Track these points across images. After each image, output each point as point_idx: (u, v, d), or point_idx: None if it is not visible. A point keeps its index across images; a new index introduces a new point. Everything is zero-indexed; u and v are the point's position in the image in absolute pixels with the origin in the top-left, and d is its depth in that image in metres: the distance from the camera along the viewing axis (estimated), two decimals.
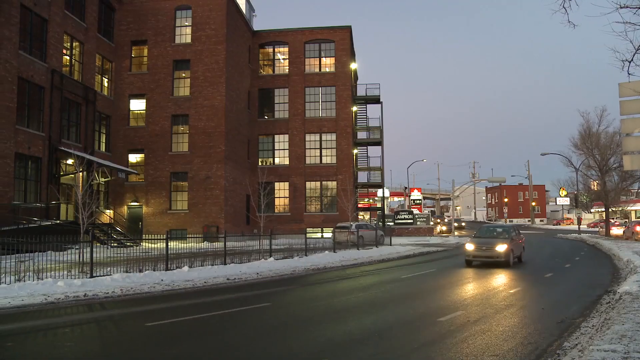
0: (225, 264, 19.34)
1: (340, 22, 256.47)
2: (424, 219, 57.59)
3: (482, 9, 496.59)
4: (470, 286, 15.59)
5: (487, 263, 21.40)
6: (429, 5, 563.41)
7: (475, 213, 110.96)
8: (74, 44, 33.13)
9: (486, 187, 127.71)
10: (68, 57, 32.60)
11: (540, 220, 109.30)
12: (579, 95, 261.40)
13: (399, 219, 55.73)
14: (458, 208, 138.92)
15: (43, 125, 29.40)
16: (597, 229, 59.72)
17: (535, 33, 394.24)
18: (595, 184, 58.36)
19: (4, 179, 26.30)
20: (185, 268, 17.42)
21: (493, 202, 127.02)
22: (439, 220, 72.54)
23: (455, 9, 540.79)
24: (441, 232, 65.70)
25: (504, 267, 20.58)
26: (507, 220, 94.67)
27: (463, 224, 78.84)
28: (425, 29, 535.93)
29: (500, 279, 17.25)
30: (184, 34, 38.51)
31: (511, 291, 14.10)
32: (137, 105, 38.43)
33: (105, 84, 37.29)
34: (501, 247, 20.90)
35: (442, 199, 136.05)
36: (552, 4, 9.10)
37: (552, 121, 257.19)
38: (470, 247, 21.87)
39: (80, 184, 25.04)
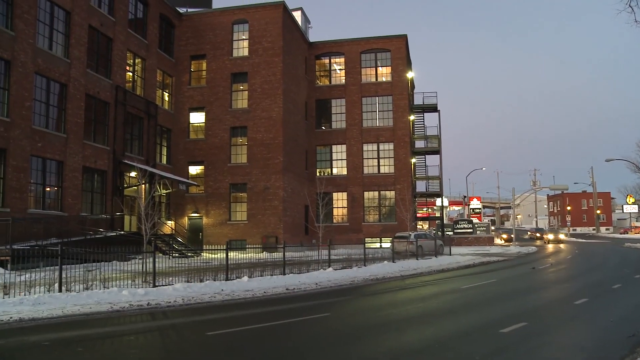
0: (284, 274, 19.44)
1: (395, 30, 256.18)
2: (484, 228, 56.67)
3: (539, 14, 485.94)
4: (533, 296, 15.17)
5: None
6: (486, 10, 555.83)
7: (536, 222, 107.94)
8: (136, 61, 34.29)
9: (547, 195, 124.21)
10: (131, 74, 33.78)
11: (606, 229, 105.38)
12: None
13: (458, 229, 54.93)
14: (519, 217, 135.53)
15: (108, 139, 30.51)
16: None
17: (602, 36, 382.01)
18: None
19: (73, 191, 27.42)
20: (245, 278, 17.61)
21: (555, 211, 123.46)
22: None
23: (511, 14, 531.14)
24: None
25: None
26: (570, 229, 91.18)
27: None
28: (483, 34, 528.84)
29: (566, 289, 16.71)
30: (241, 48, 39.22)
31: (576, 302, 13.63)
32: (197, 118, 39.33)
33: (166, 98, 38.35)
34: None
35: (502, 208, 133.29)
36: (617, 4, 8.82)
37: (616, 126, 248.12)
38: None
39: (143, 196, 25.76)
